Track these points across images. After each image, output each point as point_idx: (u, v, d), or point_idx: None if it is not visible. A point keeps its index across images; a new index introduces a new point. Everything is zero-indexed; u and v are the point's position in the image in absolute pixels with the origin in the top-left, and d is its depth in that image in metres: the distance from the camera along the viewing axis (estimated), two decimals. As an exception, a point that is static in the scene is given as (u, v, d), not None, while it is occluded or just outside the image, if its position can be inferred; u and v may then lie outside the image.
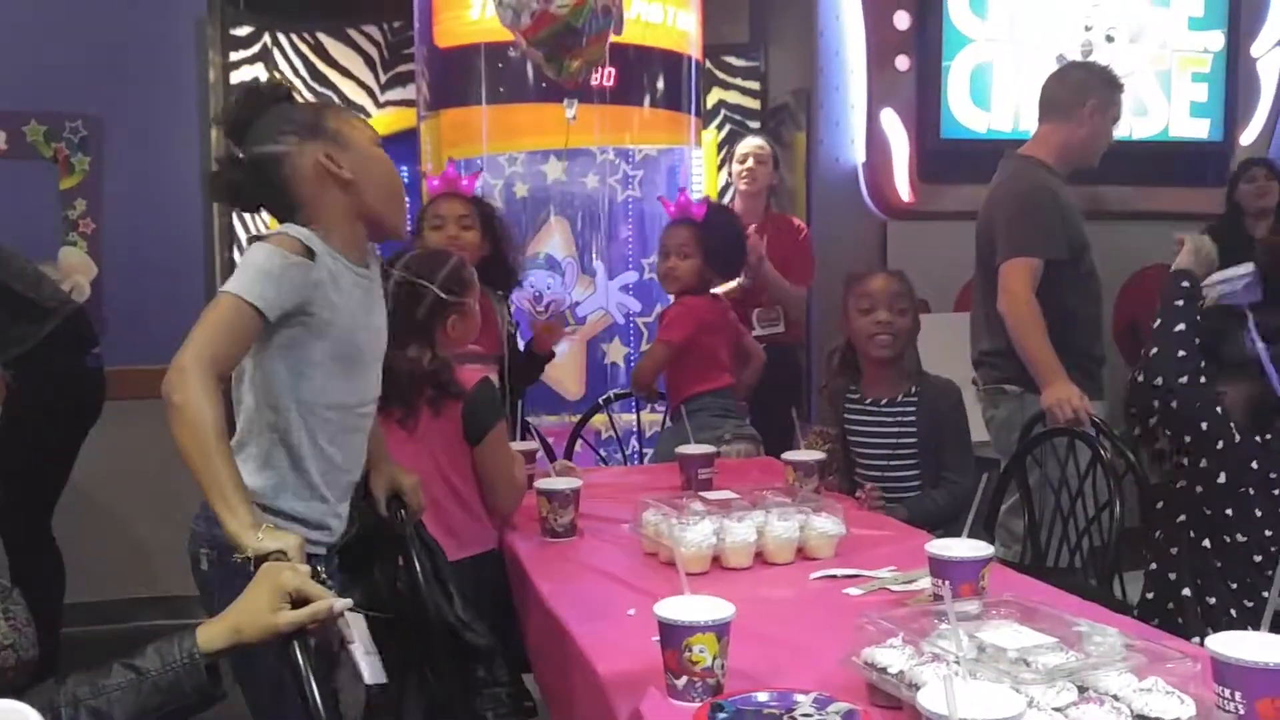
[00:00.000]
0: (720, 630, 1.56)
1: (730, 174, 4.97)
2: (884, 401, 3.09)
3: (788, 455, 2.94)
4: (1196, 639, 1.89)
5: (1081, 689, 1.39)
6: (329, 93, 5.68)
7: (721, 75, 5.96)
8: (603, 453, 4.23)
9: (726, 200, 5.25)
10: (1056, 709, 1.35)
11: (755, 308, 4.72)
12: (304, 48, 5.62)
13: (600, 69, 4.11)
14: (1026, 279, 3.40)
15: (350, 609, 1.56)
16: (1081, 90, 3.57)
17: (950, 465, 3.00)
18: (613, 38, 3.78)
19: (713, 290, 3.86)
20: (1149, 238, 5.57)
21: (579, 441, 4.00)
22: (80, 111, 4.83)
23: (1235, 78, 5.62)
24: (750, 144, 5.01)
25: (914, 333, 3.14)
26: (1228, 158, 5.69)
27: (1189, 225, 5.42)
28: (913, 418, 3.04)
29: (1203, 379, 2.47)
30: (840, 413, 3.19)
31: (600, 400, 4.10)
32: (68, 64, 4.80)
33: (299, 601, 1.51)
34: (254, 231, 5.51)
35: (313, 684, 1.49)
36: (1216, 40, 5.59)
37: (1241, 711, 1.37)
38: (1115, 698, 1.37)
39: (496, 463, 2.73)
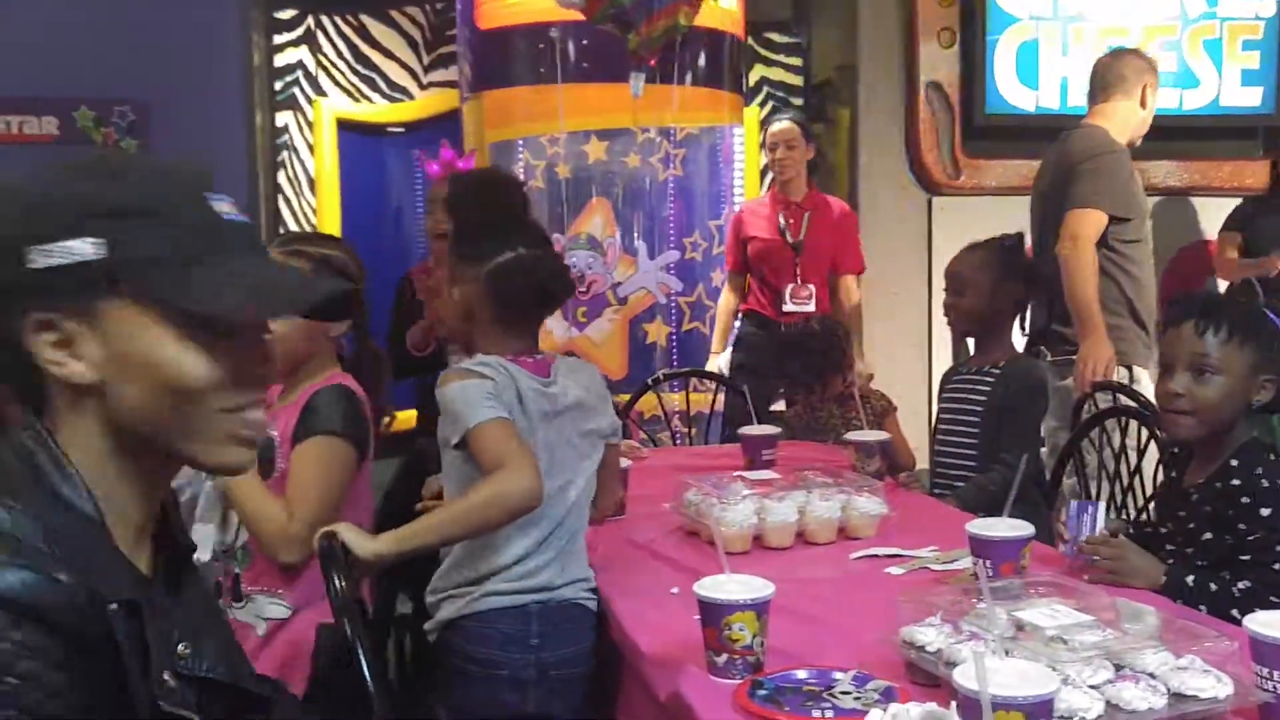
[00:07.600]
0: (760, 609, 1.58)
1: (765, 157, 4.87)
2: (973, 370, 3.06)
3: (850, 435, 2.96)
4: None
5: (1118, 667, 1.40)
6: (372, 75, 5.72)
7: (764, 52, 5.94)
8: (645, 432, 4.23)
9: (765, 183, 5.18)
10: (1093, 686, 1.35)
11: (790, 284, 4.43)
12: (347, 30, 5.67)
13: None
14: (1091, 230, 3.52)
15: None
16: (1141, 73, 3.76)
17: (1007, 444, 2.84)
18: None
19: None
20: (1194, 214, 5.55)
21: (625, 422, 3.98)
22: (128, 96, 4.91)
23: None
24: (777, 130, 4.46)
25: (977, 312, 3.04)
26: (1280, 129, 5.61)
27: (1237, 201, 5.43)
28: (986, 389, 2.97)
29: None
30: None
31: (649, 380, 4.02)
32: (116, 50, 4.87)
33: None
34: (301, 217, 5.57)
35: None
36: (1269, 6, 5.48)
37: (1280, 691, 1.38)
38: (1152, 676, 1.38)
39: (292, 477, 2.14)
